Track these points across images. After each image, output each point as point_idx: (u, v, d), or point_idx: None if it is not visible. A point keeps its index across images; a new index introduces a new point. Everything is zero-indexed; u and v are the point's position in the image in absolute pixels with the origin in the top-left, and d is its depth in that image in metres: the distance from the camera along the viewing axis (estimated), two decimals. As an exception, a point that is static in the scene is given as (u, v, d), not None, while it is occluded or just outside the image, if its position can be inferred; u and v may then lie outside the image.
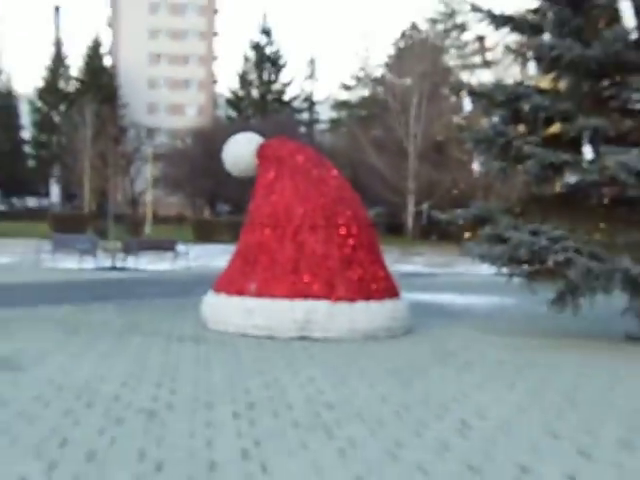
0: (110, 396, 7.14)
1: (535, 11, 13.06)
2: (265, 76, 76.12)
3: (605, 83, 12.29)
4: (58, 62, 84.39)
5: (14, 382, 7.63)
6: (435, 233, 43.62)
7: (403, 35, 65.81)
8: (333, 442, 5.80)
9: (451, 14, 66.13)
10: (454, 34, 66.12)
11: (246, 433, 6.00)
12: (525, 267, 11.87)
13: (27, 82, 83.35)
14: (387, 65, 66.22)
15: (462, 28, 64.57)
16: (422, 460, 5.39)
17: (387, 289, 12.19)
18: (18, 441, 5.57)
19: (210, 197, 68.31)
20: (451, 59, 64.78)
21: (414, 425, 6.41)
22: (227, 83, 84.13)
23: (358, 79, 70.09)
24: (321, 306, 11.21)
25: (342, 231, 11.84)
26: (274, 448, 5.58)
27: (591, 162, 11.06)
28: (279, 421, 6.42)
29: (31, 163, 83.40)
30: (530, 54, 12.77)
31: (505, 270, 12.41)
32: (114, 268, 26.23)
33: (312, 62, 74.60)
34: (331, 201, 12.09)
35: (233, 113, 75.23)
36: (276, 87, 76.29)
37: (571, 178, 11.90)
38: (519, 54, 13.52)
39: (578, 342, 11.72)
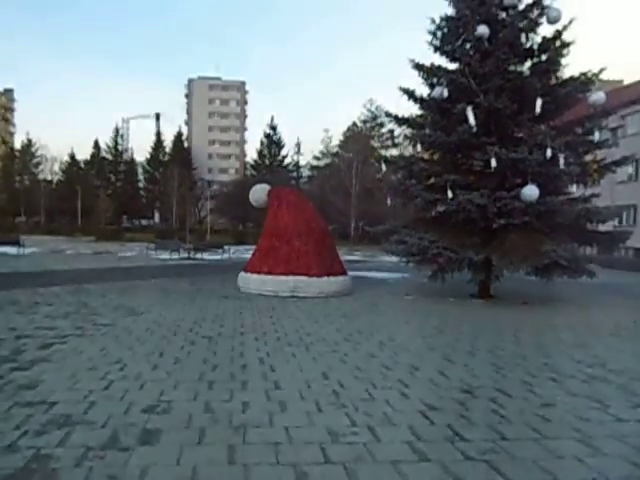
0: (187, 329, 7.13)
1: (420, 116, 13.19)
2: (272, 152, 76.02)
3: (459, 155, 12.41)
4: (158, 144, 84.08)
5: (135, 320, 7.60)
6: (367, 239, 43.65)
7: (348, 129, 66.04)
8: (309, 354, 5.83)
9: (374, 117, 66.61)
10: (376, 128, 66.50)
11: (262, 349, 6.01)
12: (415, 257, 11.92)
13: (141, 155, 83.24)
14: (339, 146, 66.38)
15: (381, 125, 64.98)
16: (359, 364, 5.43)
17: (340, 269, 12.19)
18: (136, 353, 5.56)
19: (242, 218, 68.03)
20: (375, 142, 65.05)
21: (354, 345, 6.45)
22: (251, 156, 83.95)
23: (323, 154, 70.36)
24: (303, 279, 11.21)
25: (315, 237, 11.87)
26: (277, 358, 5.61)
27: (451, 199, 11.14)
28: (280, 342, 6.43)
29: (143, 200, 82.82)
30: (417, 139, 12.86)
31: (404, 259, 12.47)
32: (189, 259, 26.08)
33: (298, 144, 74.39)
34: (309, 221, 12.10)
35: (254, 172, 75.01)
36: (278, 158, 76.15)
37: (440, 208, 11.97)
38: (412, 139, 13.58)
39: (443, 298, 11.83)
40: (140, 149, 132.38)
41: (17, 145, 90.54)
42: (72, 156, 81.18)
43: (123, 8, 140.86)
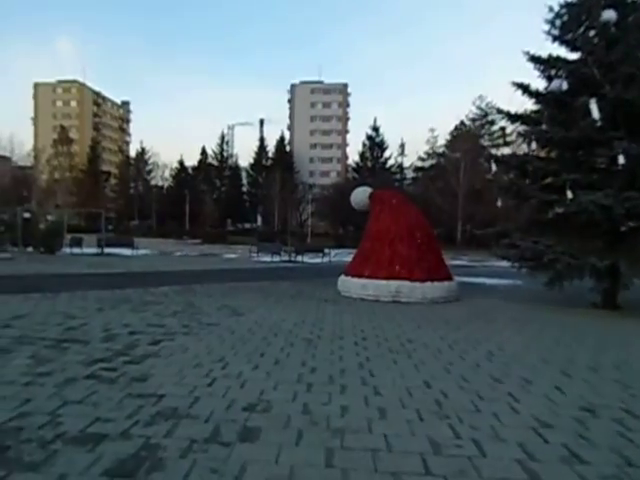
0: (287, 330, 7.33)
1: (536, 111, 12.56)
2: (375, 154, 76.02)
3: (580, 152, 11.66)
4: (262, 149, 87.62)
5: (237, 321, 7.94)
6: (474, 243, 42.18)
7: (455, 128, 64.41)
8: (411, 361, 5.75)
9: (484, 115, 64.38)
10: (486, 126, 64.21)
11: (361, 354, 6.03)
12: (529, 263, 11.40)
13: (245, 160, 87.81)
14: (446, 146, 64.94)
15: (491, 122, 62.70)
16: (464, 373, 5.27)
17: (445, 274, 11.89)
18: (238, 352, 5.81)
19: (342, 222, 68.71)
20: (484, 141, 62.89)
21: (459, 353, 6.27)
22: (353, 159, 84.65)
23: (428, 154, 69.07)
24: (406, 284, 11.07)
25: (418, 240, 11.69)
26: (377, 363, 5.59)
27: (571, 200, 10.51)
28: (380, 348, 6.40)
29: (247, 204, 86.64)
30: (532, 136, 12.31)
31: (516, 264, 11.96)
32: (290, 261, 26.79)
33: (402, 145, 73.82)
34: (412, 224, 11.94)
35: (356, 175, 75.45)
36: (381, 160, 75.98)
37: (558, 209, 11.35)
38: (526, 137, 12.99)
39: (562, 308, 11.13)
40: (244, 154, 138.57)
41: (132, 154, 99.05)
42: (181, 163, 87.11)
43: (227, 21, 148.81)
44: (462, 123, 65.07)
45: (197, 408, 3.90)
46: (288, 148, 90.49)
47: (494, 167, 14.22)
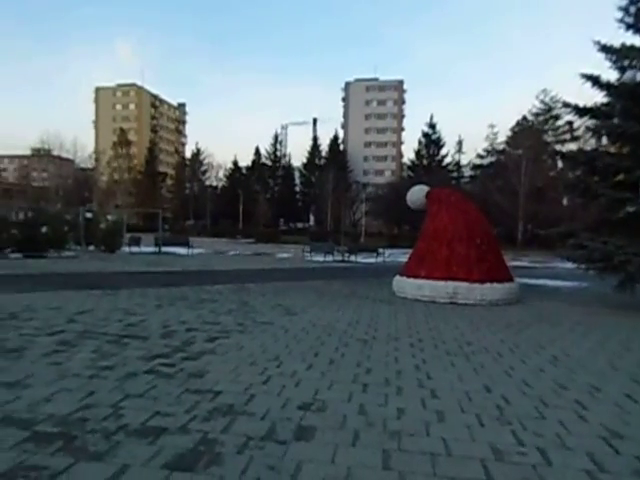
0: (341, 330, 7.33)
1: (607, 104, 12.02)
2: (431, 152, 75.00)
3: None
4: (315, 148, 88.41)
5: (291, 320, 8.00)
6: (536, 243, 40.86)
7: (517, 124, 62.54)
8: (469, 364, 5.62)
9: (548, 109, 62.17)
10: (550, 121, 61.97)
11: (417, 355, 5.95)
12: (597, 264, 10.92)
13: (298, 159, 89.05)
14: (506, 142, 63.21)
15: (556, 117, 60.54)
16: (526, 378, 5.11)
17: (505, 275, 11.54)
18: (292, 351, 5.86)
19: (397, 221, 68.18)
20: (548, 137, 60.76)
21: (521, 357, 6.07)
22: (408, 157, 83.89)
23: (488, 151, 67.43)
24: (464, 285, 10.84)
25: (477, 240, 11.42)
26: (434, 365, 5.50)
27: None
28: (437, 350, 6.30)
29: (299, 203, 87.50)
30: (603, 131, 11.82)
31: (583, 266, 11.49)
32: (343, 261, 26.82)
33: (460, 142, 72.57)
34: (471, 223, 11.68)
35: (411, 173, 74.62)
36: (437, 158, 74.89)
37: (630, 208, 10.85)
38: (595, 131, 12.49)
39: (631, 312, 10.59)
40: (297, 154, 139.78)
41: (187, 154, 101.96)
42: (235, 163, 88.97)
43: (282, 21, 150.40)
44: (524, 118, 63.22)
45: (253, 405, 3.96)
46: (342, 147, 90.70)
47: (560, 164, 13.85)
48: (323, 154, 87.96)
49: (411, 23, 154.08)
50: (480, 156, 68.87)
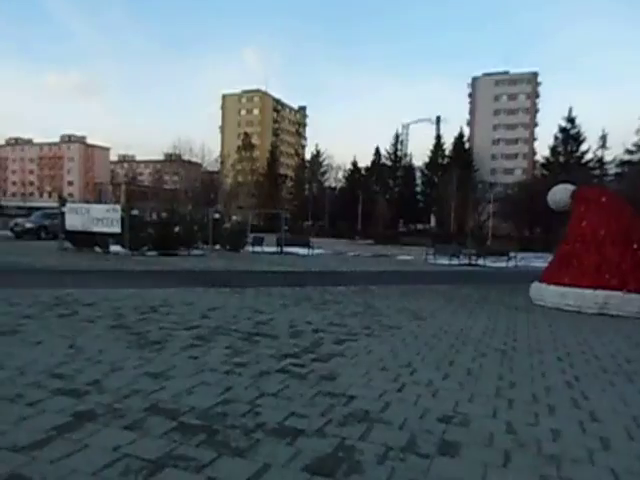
0: (476, 339, 6.97)
1: None
2: (569, 148, 69.93)
3: None
4: (438, 147, 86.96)
5: (419, 325, 7.77)
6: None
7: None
8: (633, 385, 5.03)
9: None
10: None
11: (567, 371, 5.45)
12: None
13: (419, 159, 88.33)
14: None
15: None
16: None
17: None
18: (425, 359, 5.62)
19: (529, 223, 64.67)
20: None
21: (695, 381, 5.33)
22: (541, 154, 79.19)
23: (638, 146, 61.32)
24: (617, 295, 9.88)
25: (634, 245, 10.34)
26: (590, 384, 5.00)
27: None
28: (590, 367, 5.72)
29: (420, 204, 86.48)
30: None
31: None
32: (470, 264, 25.94)
33: (604, 137, 66.87)
34: (626, 225, 10.62)
35: (545, 172, 70.19)
36: (576, 154, 69.66)
37: None
38: None
39: None
40: (418, 154, 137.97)
41: (307, 156, 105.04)
42: (354, 164, 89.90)
43: (404, 21, 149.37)
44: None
45: (389, 413, 3.82)
46: (467, 145, 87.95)
47: None
48: (447, 153, 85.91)
49: (544, 9, 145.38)
50: (629, 151, 62.91)
